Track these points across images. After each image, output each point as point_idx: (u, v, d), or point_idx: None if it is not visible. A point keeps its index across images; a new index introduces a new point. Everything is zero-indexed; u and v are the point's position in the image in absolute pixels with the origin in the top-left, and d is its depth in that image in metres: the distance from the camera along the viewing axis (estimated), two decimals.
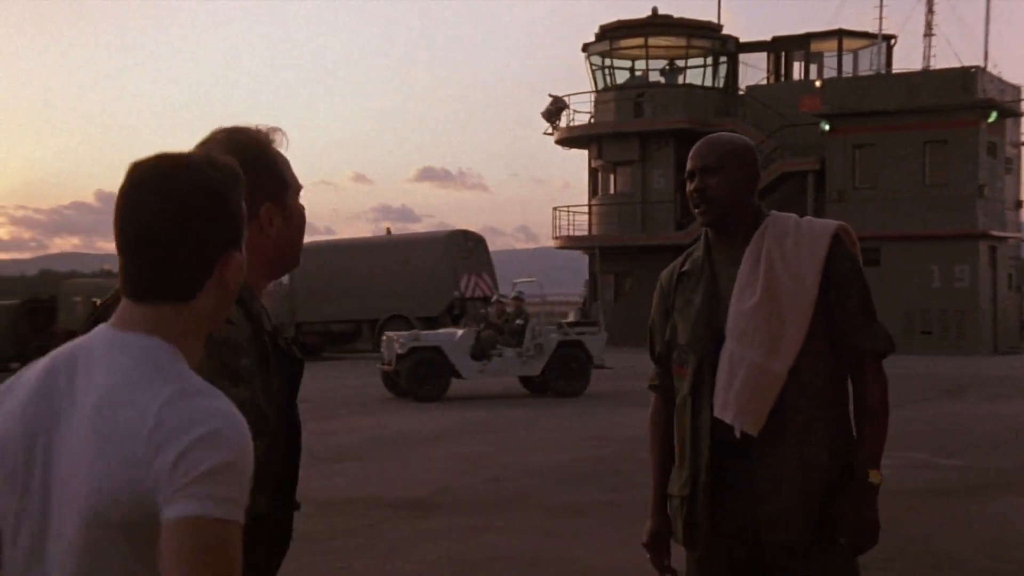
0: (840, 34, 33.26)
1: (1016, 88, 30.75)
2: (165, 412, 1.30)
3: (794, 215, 2.74)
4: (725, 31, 34.12)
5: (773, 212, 2.73)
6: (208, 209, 1.40)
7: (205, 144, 1.90)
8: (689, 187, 2.70)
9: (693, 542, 2.68)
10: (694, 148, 2.73)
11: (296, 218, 1.95)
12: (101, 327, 1.43)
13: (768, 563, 2.62)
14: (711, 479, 2.62)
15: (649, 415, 2.92)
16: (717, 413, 2.60)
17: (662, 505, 2.82)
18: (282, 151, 1.95)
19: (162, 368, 1.36)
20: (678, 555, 2.79)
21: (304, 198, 2.01)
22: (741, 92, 33.40)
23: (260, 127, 1.94)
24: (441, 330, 17.90)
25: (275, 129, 1.95)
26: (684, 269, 2.79)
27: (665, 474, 2.82)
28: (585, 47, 34.31)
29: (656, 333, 2.86)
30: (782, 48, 33.99)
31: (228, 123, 1.99)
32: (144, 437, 1.30)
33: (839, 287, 2.60)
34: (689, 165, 2.71)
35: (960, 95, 27.79)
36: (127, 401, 1.33)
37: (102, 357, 1.38)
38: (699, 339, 2.67)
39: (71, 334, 1.82)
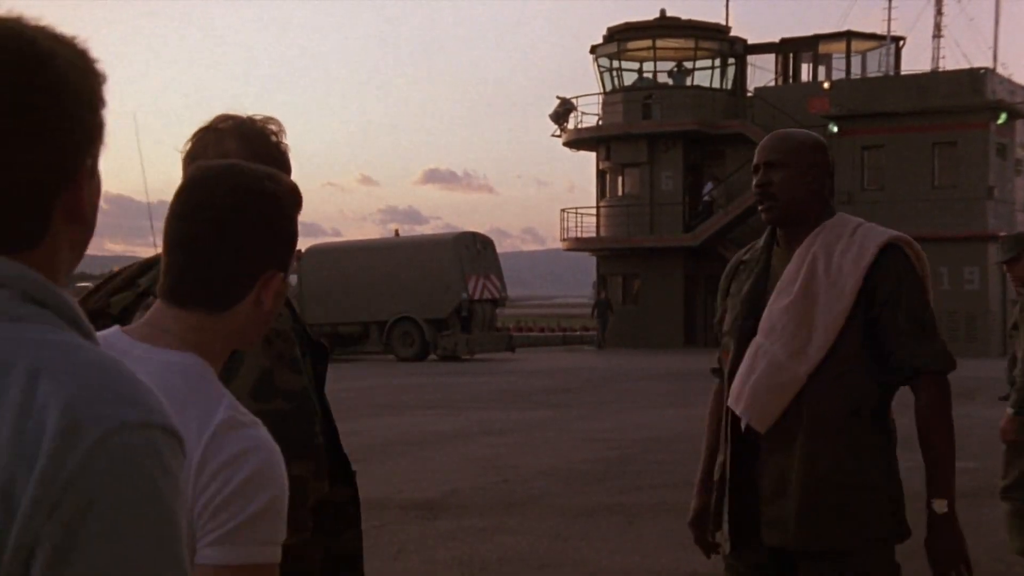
0: (848, 35, 33.23)
1: None
2: (213, 446, 1.27)
3: (856, 220, 2.68)
4: (733, 33, 34.13)
5: (839, 215, 2.67)
6: (262, 224, 1.37)
7: (208, 128, 1.91)
8: (754, 181, 2.67)
9: (717, 527, 2.71)
10: (763, 141, 2.71)
11: None
12: (120, 334, 1.38)
13: (781, 564, 2.61)
14: (731, 473, 2.63)
15: (710, 398, 2.93)
16: (730, 402, 2.61)
17: (706, 484, 2.82)
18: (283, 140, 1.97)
19: (206, 390, 1.32)
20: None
21: (311, 200, 2.04)
22: (749, 94, 33.39)
23: (255, 116, 1.94)
24: None
25: (270, 118, 1.96)
26: (744, 258, 2.79)
27: (711, 456, 2.84)
28: (593, 49, 34.32)
29: (717, 316, 2.89)
30: (790, 50, 33.96)
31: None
32: (192, 472, 1.25)
33: (884, 301, 2.53)
34: (756, 158, 2.67)
35: (969, 96, 27.73)
36: None
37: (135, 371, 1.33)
38: (737, 328, 2.67)
39: None
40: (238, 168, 1.40)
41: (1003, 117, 27.76)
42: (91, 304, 1.80)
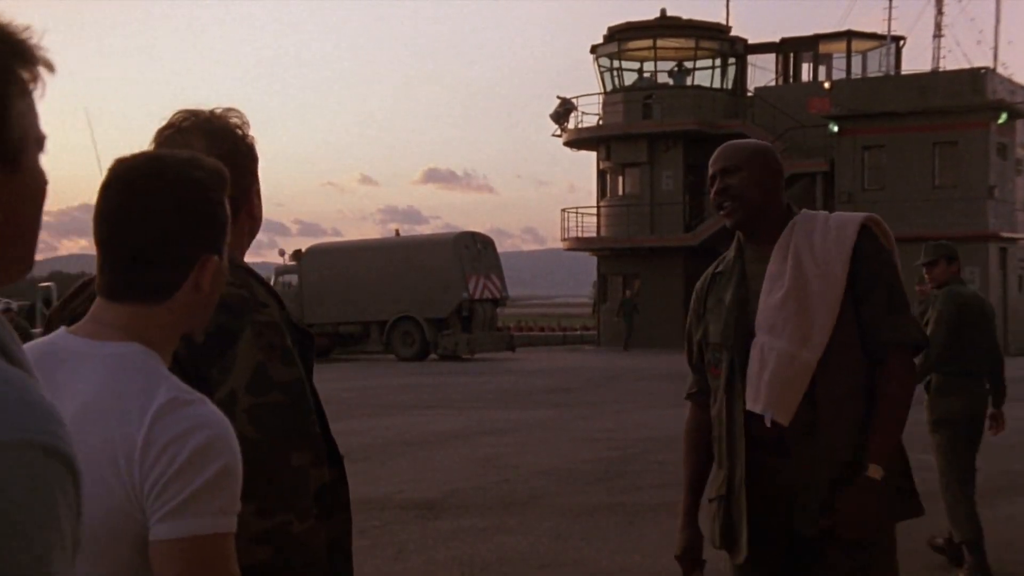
0: (849, 35, 33.24)
1: None
2: (157, 426, 1.27)
3: (823, 212, 2.75)
4: (733, 32, 34.14)
5: (804, 210, 2.74)
6: (189, 211, 1.38)
7: (170, 127, 1.87)
8: (711, 190, 2.70)
9: (731, 542, 2.67)
10: (715, 153, 2.74)
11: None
12: (66, 334, 1.40)
13: (804, 558, 2.61)
14: (749, 476, 2.61)
15: (684, 425, 2.90)
16: (749, 405, 2.60)
17: (693, 517, 2.79)
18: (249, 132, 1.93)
19: (147, 375, 1.32)
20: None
21: (311, 200, 2.00)
22: (750, 93, 33.40)
23: (216, 109, 1.91)
24: None
25: (231, 110, 1.92)
26: (718, 270, 2.81)
27: (697, 486, 2.80)
28: (593, 49, 34.33)
29: (692, 337, 2.85)
30: (791, 49, 33.97)
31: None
32: (137, 454, 1.26)
33: (866, 279, 2.60)
34: (710, 170, 2.71)
35: (970, 96, 27.73)
36: (114, 412, 1.29)
37: (78, 367, 1.34)
38: (729, 336, 2.67)
39: None
40: (158, 159, 1.41)
41: (1003, 117, 27.77)
42: (74, 309, 1.79)
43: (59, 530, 0.86)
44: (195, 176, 1.39)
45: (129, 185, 1.37)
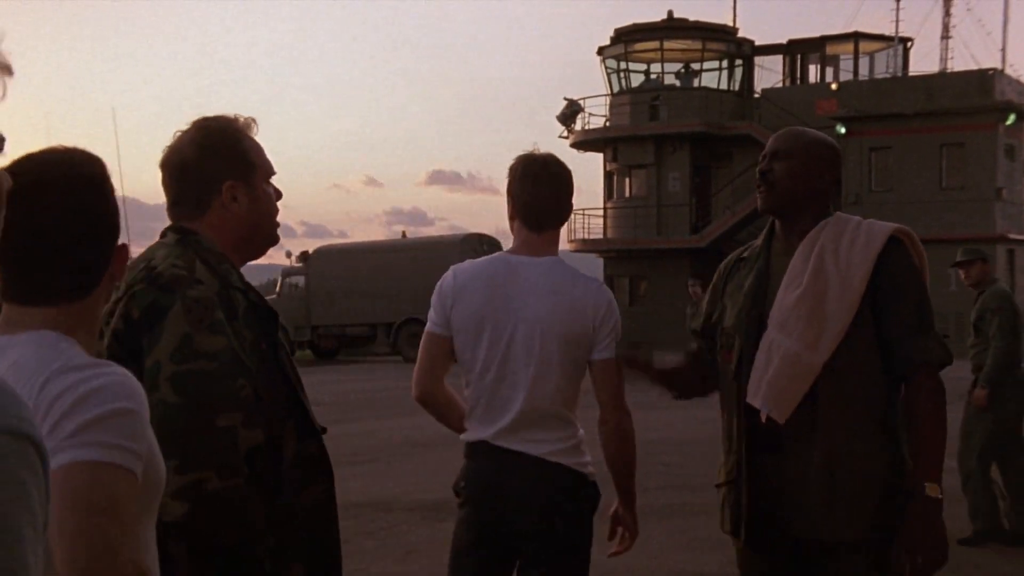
0: (856, 37, 33.19)
1: None
2: (45, 390, 1.28)
3: (858, 217, 2.71)
4: (740, 34, 34.10)
5: (839, 213, 2.71)
6: (93, 205, 1.39)
7: (182, 133, 2.02)
8: (758, 167, 2.70)
9: (736, 530, 2.68)
10: (778, 132, 2.75)
11: (264, 200, 2.04)
12: None
13: (803, 558, 2.62)
14: (749, 470, 2.62)
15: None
16: (748, 398, 2.60)
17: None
18: (255, 138, 2.05)
19: (47, 353, 1.33)
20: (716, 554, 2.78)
21: (317, 201, 2.09)
22: (757, 95, 33.35)
23: (236, 116, 2.03)
24: None
25: (249, 118, 2.03)
26: (743, 256, 2.81)
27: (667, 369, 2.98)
28: (600, 50, 34.33)
29: (708, 313, 2.87)
30: (798, 51, 33.93)
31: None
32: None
33: (890, 291, 2.55)
34: (767, 147, 2.71)
35: (978, 97, 27.68)
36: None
37: None
38: (741, 324, 2.67)
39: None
40: (48, 160, 1.38)
41: (1012, 118, 27.70)
42: None
43: (31, 511, 0.88)
44: (81, 173, 1.39)
45: (28, 190, 1.32)
